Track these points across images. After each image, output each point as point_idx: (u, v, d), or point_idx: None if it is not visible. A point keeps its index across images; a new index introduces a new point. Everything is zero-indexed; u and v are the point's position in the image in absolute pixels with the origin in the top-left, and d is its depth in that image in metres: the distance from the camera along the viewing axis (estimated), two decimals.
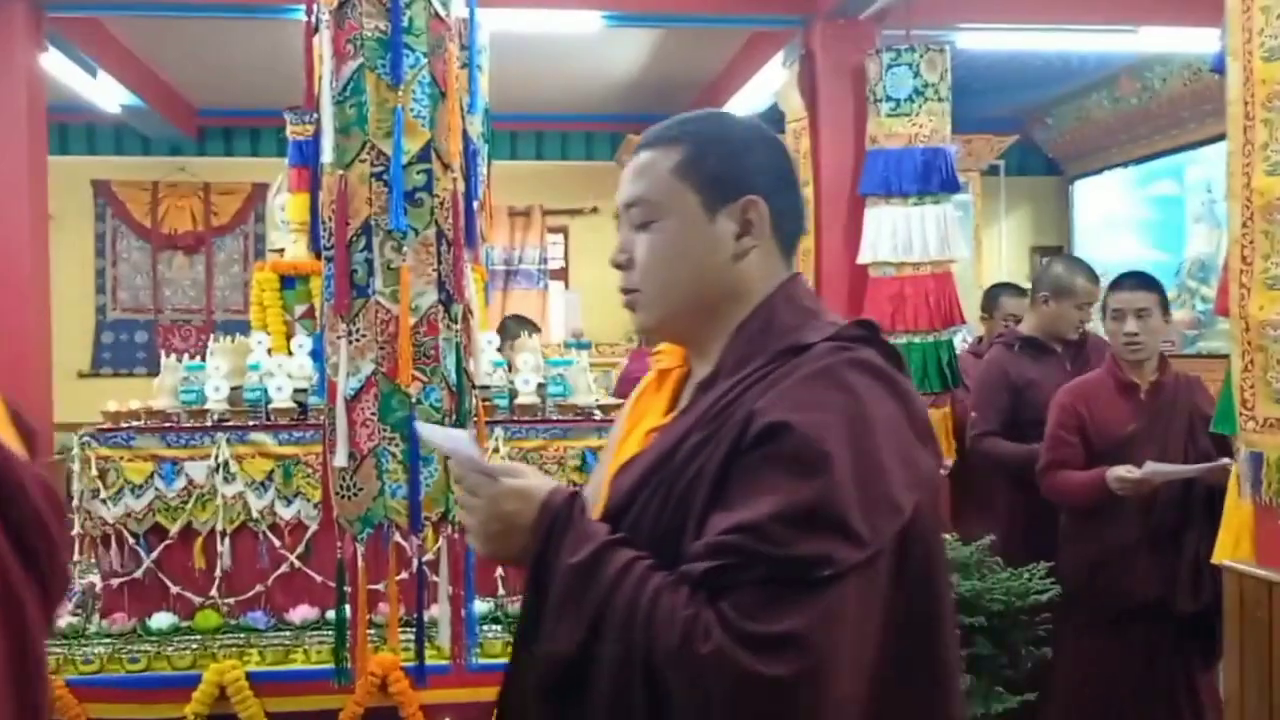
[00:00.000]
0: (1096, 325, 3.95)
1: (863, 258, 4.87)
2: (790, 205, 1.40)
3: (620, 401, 3.29)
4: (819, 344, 1.27)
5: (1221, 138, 2.78)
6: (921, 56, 4.75)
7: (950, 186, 4.76)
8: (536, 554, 1.25)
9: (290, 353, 3.24)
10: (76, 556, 3.36)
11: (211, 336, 3.41)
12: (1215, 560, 2.77)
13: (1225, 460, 3.08)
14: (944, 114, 4.78)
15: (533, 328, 5.45)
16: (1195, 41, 5.55)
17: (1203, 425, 3.28)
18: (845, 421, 1.18)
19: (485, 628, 2.90)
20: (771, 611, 1.10)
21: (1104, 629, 3.42)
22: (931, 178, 4.70)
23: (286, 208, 3.55)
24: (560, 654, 1.20)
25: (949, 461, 4.64)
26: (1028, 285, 6.81)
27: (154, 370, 3.78)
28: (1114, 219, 8.04)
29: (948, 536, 2.92)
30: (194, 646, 2.83)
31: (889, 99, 4.78)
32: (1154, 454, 3.31)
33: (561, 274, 8.60)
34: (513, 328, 5.74)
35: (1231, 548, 2.74)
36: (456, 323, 2.83)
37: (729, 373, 1.31)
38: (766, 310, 1.35)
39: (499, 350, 3.42)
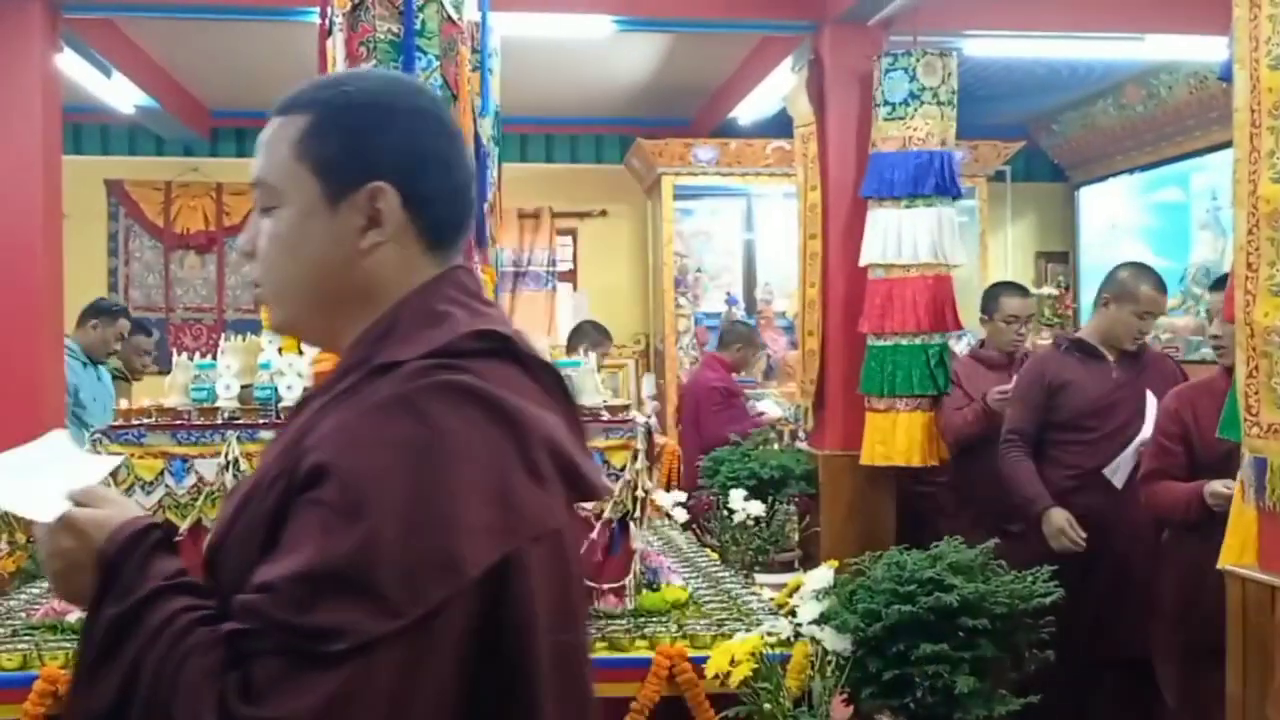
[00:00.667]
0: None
1: (861, 260, 4.91)
2: (440, 190, 1.19)
3: (623, 403, 3.31)
4: (411, 362, 1.08)
5: (1227, 145, 2.80)
6: (918, 61, 4.77)
7: (946, 190, 4.76)
8: (91, 600, 1.09)
9: (300, 352, 3.26)
10: None
11: (223, 335, 3.43)
12: (1220, 565, 2.78)
13: None
14: (943, 118, 4.79)
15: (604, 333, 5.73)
16: (1202, 49, 5.56)
17: None
18: (405, 462, 1.01)
19: None
20: (272, 693, 0.95)
21: (1207, 655, 3.22)
22: (925, 181, 4.72)
23: None
24: (95, 712, 1.04)
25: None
26: (1031, 286, 6.83)
27: (165, 368, 3.80)
28: (1119, 225, 8.05)
29: (957, 540, 2.93)
30: None
31: (886, 103, 4.82)
32: None
33: (570, 276, 8.63)
34: (591, 333, 6.00)
35: (1238, 553, 2.75)
36: None
37: (322, 391, 1.15)
38: (391, 315, 1.16)
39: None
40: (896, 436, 4.72)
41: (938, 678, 2.59)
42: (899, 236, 4.74)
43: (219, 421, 3.10)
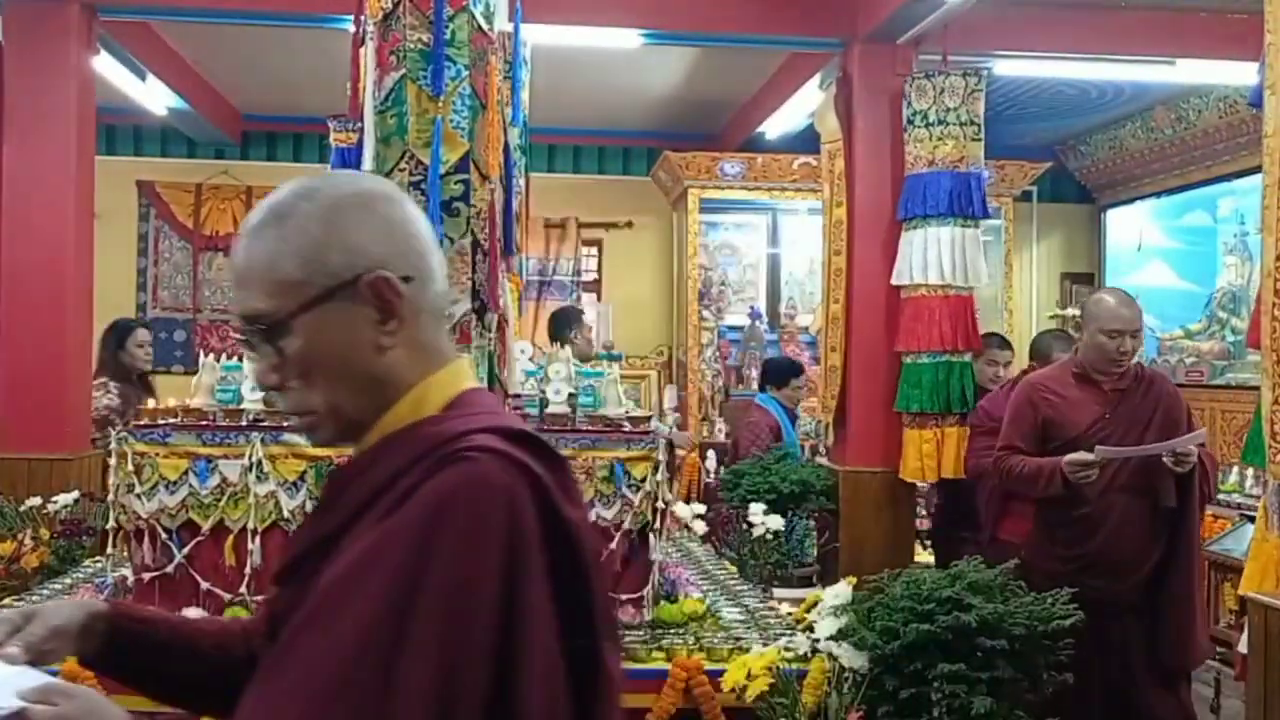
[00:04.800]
0: None
1: (893, 279, 4.94)
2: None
3: (645, 414, 3.31)
4: None
5: (1256, 170, 2.79)
6: (911, 84, 4.85)
7: (962, 211, 4.77)
8: None
9: None
10: (110, 550, 3.43)
11: None
12: (1242, 591, 2.76)
13: None
14: (945, 138, 4.80)
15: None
16: (1233, 74, 5.54)
17: None
18: None
19: None
20: None
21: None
22: (940, 202, 4.75)
23: None
24: None
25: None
26: (1055, 308, 6.80)
27: (191, 369, 3.84)
28: (1145, 248, 8.02)
29: (978, 560, 2.92)
30: None
31: (907, 124, 4.92)
32: None
33: (595, 286, 8.65)
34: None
35: (1258, 580, 2.73)
36: (490, 331, 2.86)
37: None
38: None
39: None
40: (945, 452, 4.77)
41: (955, 697, 2.59)
42: (925, 257, 4.77)
43: (244, 423, 3.13)
